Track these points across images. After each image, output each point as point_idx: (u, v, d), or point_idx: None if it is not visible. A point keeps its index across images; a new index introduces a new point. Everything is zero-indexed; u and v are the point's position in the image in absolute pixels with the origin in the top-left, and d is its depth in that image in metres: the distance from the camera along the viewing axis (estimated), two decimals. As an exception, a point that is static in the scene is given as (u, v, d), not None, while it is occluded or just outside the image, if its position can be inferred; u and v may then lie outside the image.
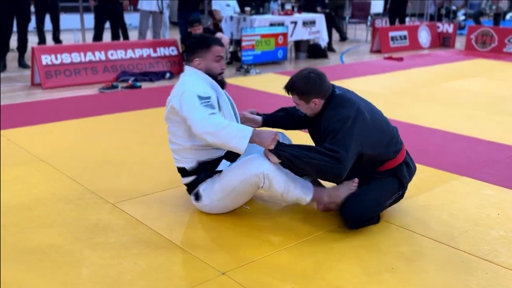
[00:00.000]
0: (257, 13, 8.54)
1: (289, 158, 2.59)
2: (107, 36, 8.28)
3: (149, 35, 8.81)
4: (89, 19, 10.06)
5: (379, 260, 2.48)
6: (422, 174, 3.58)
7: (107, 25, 8.20)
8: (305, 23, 8.94)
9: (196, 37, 2.91)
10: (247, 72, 7.51)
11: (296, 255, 2.51)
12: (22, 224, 2.79)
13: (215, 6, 8.84)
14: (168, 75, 7.12)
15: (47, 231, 2.72)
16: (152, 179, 3.45)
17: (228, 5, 8.80)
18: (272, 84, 6.68)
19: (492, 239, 2.71)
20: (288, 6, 9.28)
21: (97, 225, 2.80)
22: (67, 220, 2.84)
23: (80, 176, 3.48)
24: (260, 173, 2.62)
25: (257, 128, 2.69)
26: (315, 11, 9.87)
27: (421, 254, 2.57)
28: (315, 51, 9.17)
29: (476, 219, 2.94)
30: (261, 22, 8.28)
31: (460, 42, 11.43)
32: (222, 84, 2.89)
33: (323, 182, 3.07)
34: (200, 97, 2.63)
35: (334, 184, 2.87)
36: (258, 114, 3.13)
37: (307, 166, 2.58)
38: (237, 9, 8.82)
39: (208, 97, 2.66)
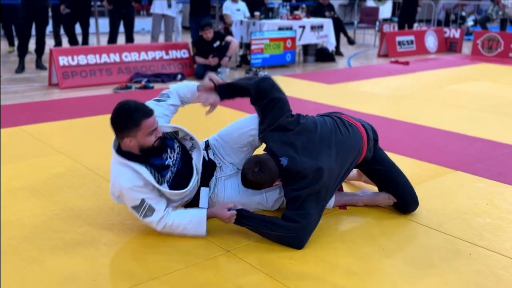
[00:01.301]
0: (266, 17, 8.79)
1: (251, 229, 2.67)
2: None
3: (161, 39, 9.09)
4: (103, 23, 10.41)
5: (371, 242, 2.70)
6: (418, 169, 3.79)
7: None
8: (313, 28, 9.17)
9: (122, 113, 2.57)
10: (255, 74, 7.75)
11: (296, 237, 2.74)
12: (45, 207, 3.05)
13: (225, 10, 9.11)
14: (179, 76, 7.37)
15: (68, 213, 2.97)
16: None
17: (238, 10, 9.06)
18: (281, 86, 6.90)
19: (478, 225, 2.92)
20: (297, 12, 9.49)
21: (113, 209, 3.04)
22: (85, 205, 3.09)
23: (97, 167, 3.73)
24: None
25: (212, 208, 2.74)
26: (324, 16, 10.10)
27: (412, 237, 2.78)
28: (323, 55, 9.39)
29: (465, 208, 3.15)
30: (270, 26, 8.52)
31: (467, 47, 11.58)
32: (159, 149, 2.65)
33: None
34: (135, 208, 2.58)
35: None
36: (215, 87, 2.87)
37: (268, 236, 2.64)
38: (247, 14, 9.07)
39: (142, 203, 2.56)
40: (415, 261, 2.52)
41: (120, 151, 2.65)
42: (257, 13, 8.64)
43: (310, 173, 2.60)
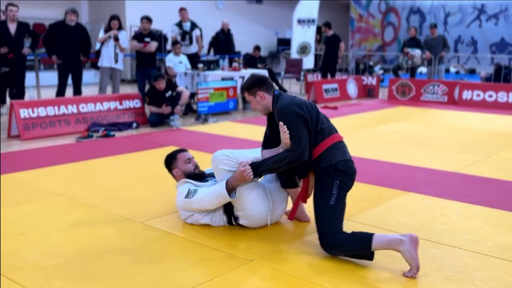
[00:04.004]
0: (208, 69, 9.47)
1: (268, 172, 3.41)
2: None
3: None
4: (44, 77, 10.61)
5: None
6: (377, 192, 4.52)
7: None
8: (251, 78, 9.96)
9: (166, 157, 3.86)
10: (205, 121, 8.34)
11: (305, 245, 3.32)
12: (75, 239, 3.41)
13: (168, 63, 9.69)
14: (134, 125, 7.80)
15: (99, 243, 3.36)
16: (162, 204, 4.13)
17: (180, 62, 9.67)
18: (230, 130, 7.55)
19: (439, 230, 3.64)
20: (235, 64, 10.28)
21: (136, 236, 3.46)
22: (111, 235, 3.49)
23: (100, 205, 4.12)
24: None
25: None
26: (256, 67, 10.97)
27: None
28: (260, 102, 10.15)
29: (425, 218, 3.88)
30: (214, 77, 9.21)
31: (382, 93, 12.88)
32: (200, 176, 3.75)
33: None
34: (186, 195, 3.56)
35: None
36: None
37: (282, 168, 3.34)
38: (189, 66, 9.71)
39: (189, 191, 3.55)
40: (399, 259, 3.17)
41: None
42: (200, 65, 9.30)
43: (290, 97, 3.41)
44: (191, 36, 10.22)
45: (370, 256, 3.06)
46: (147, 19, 9.23)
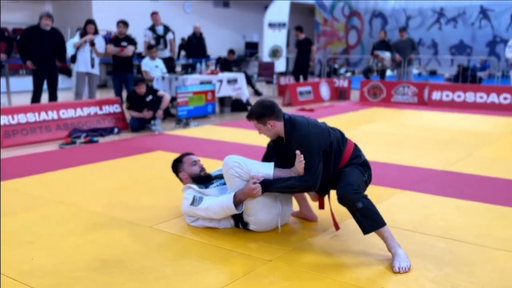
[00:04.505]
0: (186, 73, 9.46)
1: (275, 192, 3.42)
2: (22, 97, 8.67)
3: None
4: (15, 83, 10.37)
5: (366, 237, 3.42)
6: (376, 191, 4.61)
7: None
8: (229, 81, 10.02)
9: (173, 161, 3.94)
10: (187, 125, 8.32)
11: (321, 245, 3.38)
12: (88, 245, 3.37)
13: (144, 67, 9.62)
14: (116, 130, 7.72)
15: (114, 249, 3.34)
16: (166, 208, 4.12)
17: (156, 66, 9.62)
18: (213, 133, 7.57)
19: (441, 225, 3.78)
20: (212, 67, 10.31)
21: (149, 241, 3.46)
22: (123, 240, 3.47)
23: (103, 210, 4.08)
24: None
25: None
26: (231, 70, 11.01)
27: (401, 240, 3.53)
28: (237, 105, 10.23)
29: (425, 214, 4.01)
30: (193, 81, 9.20)
31: (353, 95, 13.12)
32: (206, 178, 3.80)
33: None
34: (192, 203, 3.58)
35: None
36: None
37: (291, 193, 3.53)
38: (164, 70, 9.66)
39: (194, 198, 3.58)
40: (414, 253, 3.27)
41: None
42: (178, 69, 9.29)
43: (306, 123, 3.38)
44: (165, 40, 10.20)
45: (368, 230, 3.20)
46: (123, 23, 9.16)
